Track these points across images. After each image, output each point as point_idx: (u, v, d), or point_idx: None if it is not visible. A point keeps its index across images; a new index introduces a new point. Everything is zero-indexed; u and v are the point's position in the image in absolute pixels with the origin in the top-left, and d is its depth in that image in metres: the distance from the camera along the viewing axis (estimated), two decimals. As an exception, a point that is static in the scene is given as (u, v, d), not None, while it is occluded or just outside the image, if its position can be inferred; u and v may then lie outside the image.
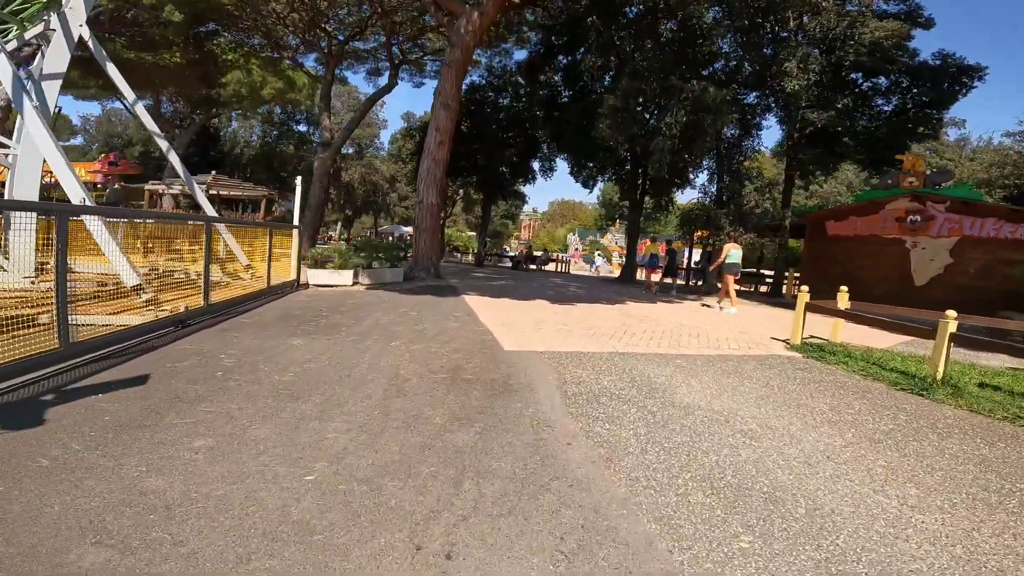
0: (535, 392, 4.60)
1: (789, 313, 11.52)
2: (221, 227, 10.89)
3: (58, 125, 44.93)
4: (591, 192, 24.24)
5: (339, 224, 65.55)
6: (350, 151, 43.77)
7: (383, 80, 27.70)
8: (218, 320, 6.90)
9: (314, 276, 11.89)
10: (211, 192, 18.51)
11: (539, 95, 20.07)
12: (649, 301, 12.35)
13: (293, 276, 11.82)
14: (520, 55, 24.18)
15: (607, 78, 14.26)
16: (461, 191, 35.77)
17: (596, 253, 46.37)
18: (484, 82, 24.32)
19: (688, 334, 7.98)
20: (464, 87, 25.66)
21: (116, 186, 22.09)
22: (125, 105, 37.54)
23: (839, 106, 13.25)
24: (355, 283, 12.15)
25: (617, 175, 19.04)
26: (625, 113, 12.77)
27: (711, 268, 13.18)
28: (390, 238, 58.71)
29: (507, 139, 23.54)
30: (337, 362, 5.20)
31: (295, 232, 11.93)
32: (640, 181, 17.82)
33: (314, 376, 4.68)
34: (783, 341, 7.93)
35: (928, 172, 12.59)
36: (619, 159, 17.25)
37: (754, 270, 22.61)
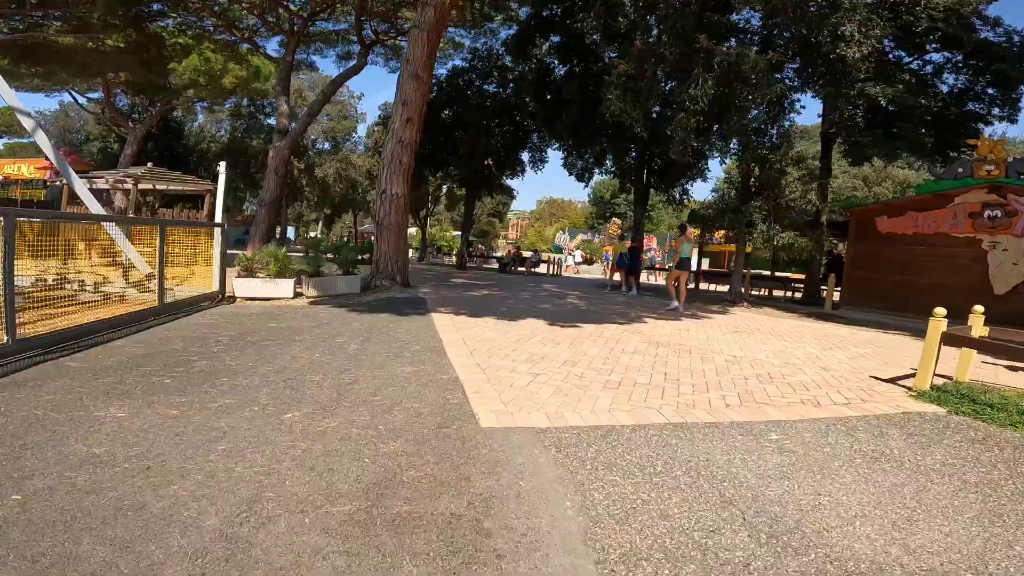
0: (547, 559, 2.04)
1: (848, 332, 9.09)
2: (110, 226, 8.25)
3: (7, 120, 41.69)
4: (587, 186, 21.42)
5: (320, 223, 62.57)
6: (326, 146, 40.90)
7: (368, 71, 25.06)
8: (48, 356, 4.25)
9: (243, 287, 9.23)
10: (142, 186, 15.73)
11: (529, 74, 17.51)
12: (670, 317, 9.83)
13: (215, 287, 9.18)
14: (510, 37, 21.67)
15: (614, 46, 11.68)
16: (444, 187, 33.14)
17: (575, 250, 44.03)
18: (467, 65, 21.76)
19: (755, 375, 5.45)
20: (445, 71, 23.10)
21: (58, 183, 19.16)
22: (74, 98, 34.59)
23: (904, 81, 10.81)
24: (296, 295, 9.50)
25: (619, 164, 16.51)
26: (640, 82, 10.25)
27: (668, 266, 11.89)
28: (370, 238, 56.03)
29: (493, 128, 20.98)
30: (139, 473, 2.59)
31: (216, 232, 9.25)
32: (646, 170, 15.36)
33: (46, 524, 2.04)
34: (893, 383, 5.43)
35: (1010, 159, 10.21)
36: (624, 144, 14.71)
37: (771, 274, 20.26)
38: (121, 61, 23.35)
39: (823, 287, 13.68)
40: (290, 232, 72.24)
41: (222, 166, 9.53)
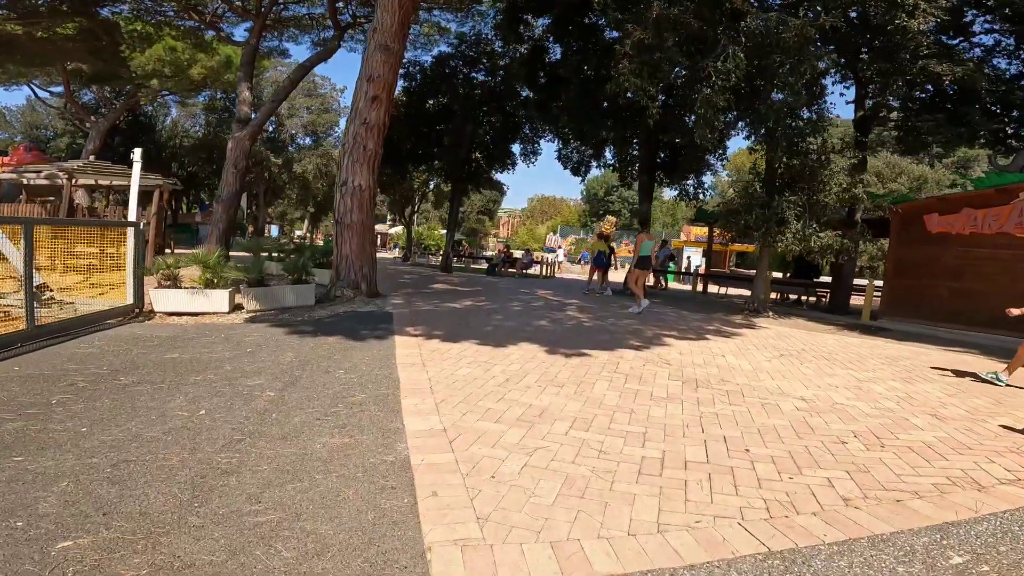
0: None
1: (910, 351, 7.28)
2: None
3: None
4: (583, 180, 19.63)
5: (305, 222, 60.26)
6: (307, 141, 38.90)
7: (340, 56, 23.06)
8: None
9: (165, 299, 7.41)
10: (82, 182, 13.81)
11: (521, 55, 15.72)
12: (692, 334, 8.12)
13: (130, 300, 7.39)
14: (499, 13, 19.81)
15: (628, 13, 9.87)
16: (432, 183, 31.26)
17: (559, 248, 42.34)
18: (454, 51, 19.93)
19: (850, 433, 3.73)
20: (430, 58, 21.31)
21: (11, 176, 17.09)
22: (34, 92, 32.37)
23: (969, 58, 9.14)
24: (234, 309, 7.69)
25: (621, 155, 14.75)
26: (658, 53, 8.50)
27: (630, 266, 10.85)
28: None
29: (480, 117, 19.19)
30: None
31: (130, 233, 7.41)
32: (649, 161, 13.64)
33: None
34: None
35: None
36: (629, 131, 12.93)
37: (786, 276, 18.65)
38: (73, 51, 21.36)
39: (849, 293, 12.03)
40: (274, 231, 70.36)
41: (136, 153, 7.70)
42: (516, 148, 20.34)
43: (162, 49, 22.74)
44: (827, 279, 14.12)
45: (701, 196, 14.05)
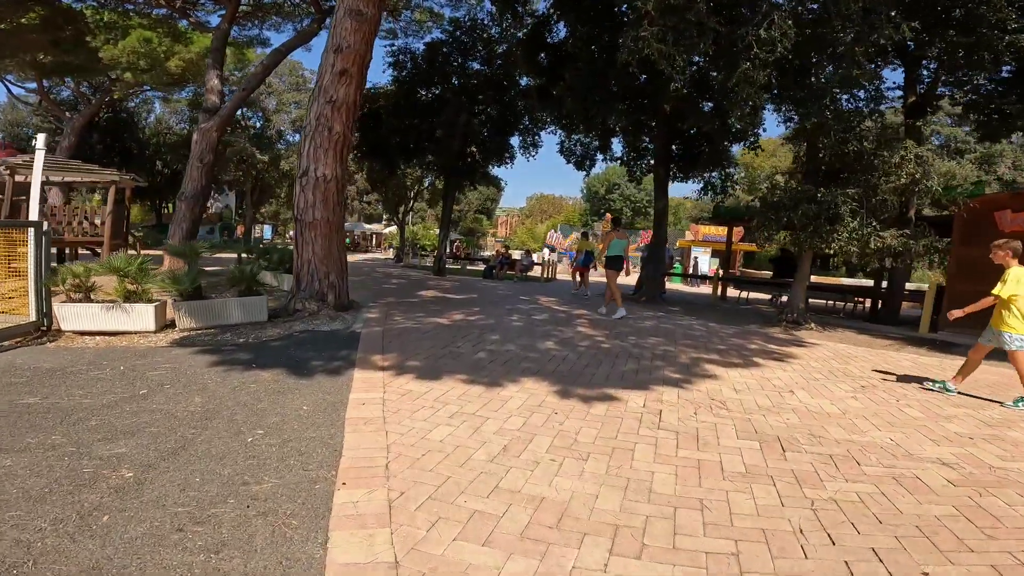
0: None
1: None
2: None
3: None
4: (588, 175, 17.90)
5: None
6: (296, 138, 37.17)
7: (321, 41, 21.52)
8: None
9: (76, 315, 5.88)
10: (18, 178, 12.21)
11: (521, 34, 14.19)
12: (736, 356, 6.59)
13: (32, 316, 5.89)
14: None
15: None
16: (427, 182, 29.68)
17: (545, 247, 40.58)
18: (447, 38, 18.37)
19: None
20: (422, 46, 19.76)
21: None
22: (7, 87, 30.79)
23: None
24: (164, 327, 6.15)
25: (633, 145, 13.20)
26: (687, 15, 6.96)
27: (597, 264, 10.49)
28: (347, 240, 52.25)
29: (476, 107, 17.66)
30: None
31: (30, 235, 5.86)
32: (669, 153, 12.10)
33: None
34: None
35: None
36: (644, 116, 11.38)
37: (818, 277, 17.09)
38: (35, 42, 19.78)
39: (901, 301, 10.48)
40: (267, 232, 68.65)
41: (39, 139, 6.16)
42: (515, 141, 18.85)
43: (136, 40, 21.30)
44: (865, 282, 12.50)
45: (730, 190, 12.44)
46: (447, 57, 17.76)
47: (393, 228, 38.93)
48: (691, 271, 25.78)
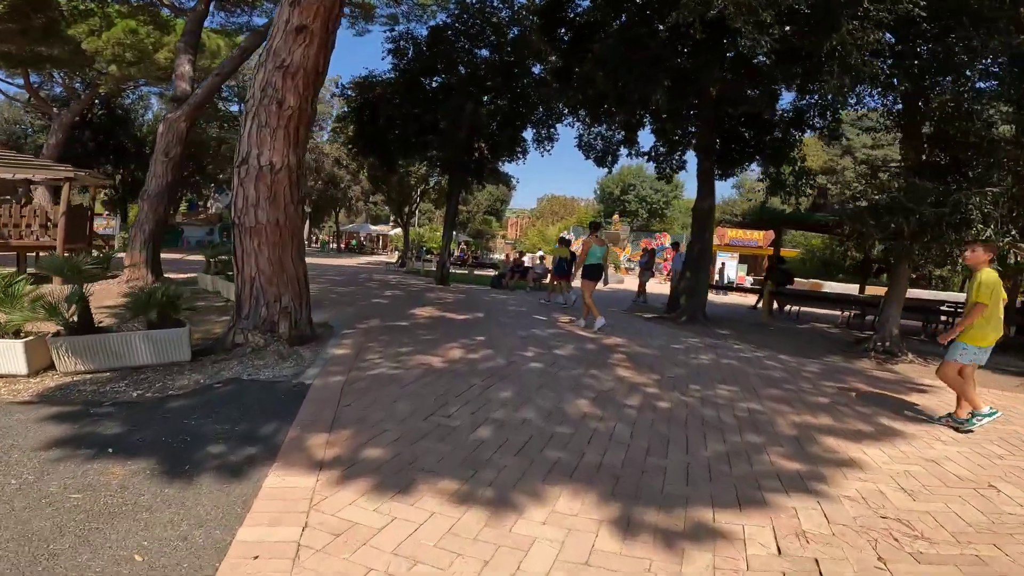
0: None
1: None
2: None
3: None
4: (610, 171, 15.89)
5: (307, 224, 56.87)
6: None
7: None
8: None
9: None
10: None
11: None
12: (865, 424, 4.61)
13: None
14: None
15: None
16: (433, 181, 27.82)
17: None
18: (454, 22, 16.45)
19: None
20: (424, 31, 17.87)
21: None
22: (-7, 82, 29.41)
23: None
24: (41, 369, 4.32)
25: (669, 134, 11.18)
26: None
27: (574, 270, 9.80)
28: (353, 242, 50.50)
29: (484, 96, 15.77)
30: None
31: None
32: (713, 143, 10.10)
33: None
34: None
35: None
36: (691, 98, 9.34)
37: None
38: (4, 32, 18.20)
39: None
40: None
41: None
42: (527, 135, 16.93)
43: (121, 31, 19.70)
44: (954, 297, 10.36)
45: (803, 187, 10.28)
46: (453, 43, 15.89)
47: (400, 230, 37.17)
48: (716, 278, 23.67)
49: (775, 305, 11.70)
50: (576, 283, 9.30)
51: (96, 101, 31.06)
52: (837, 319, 11.35)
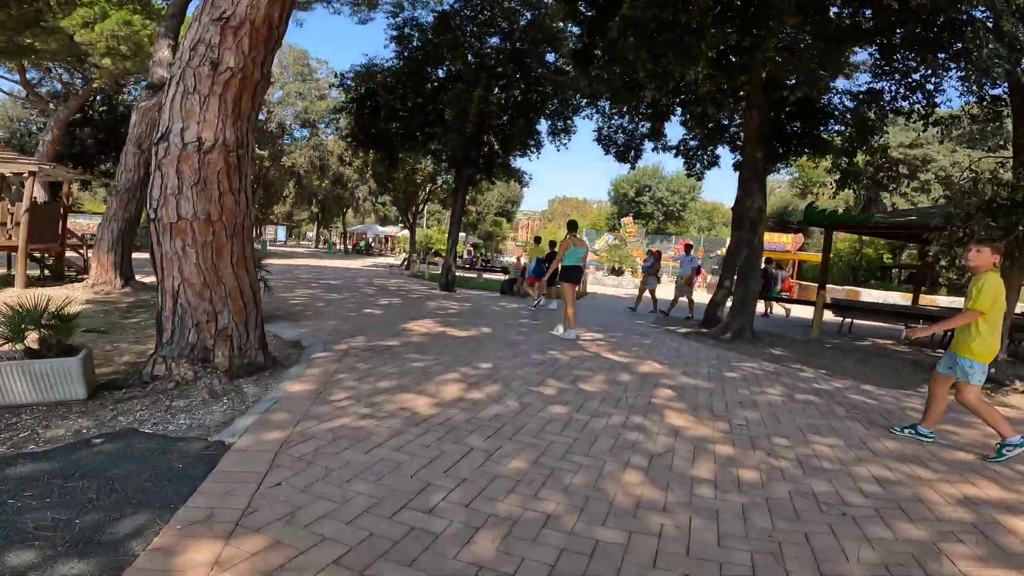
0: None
1: None
2: None
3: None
4: (632, 167, 14.47)
5: (315, 224, 55.84)
6: (306, 133, 34.44)
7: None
8: None
9: None
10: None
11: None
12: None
13: None
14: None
15: None
16: (441, 180, 26.54)
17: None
18: (462, 7, 15.10)
19: None
20: (430, 18, 16.55)
21: None
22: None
23: None
24: None
25: (711, 117, 9.62)
26: None
27: (547, 275, 8.90)
28: (361, 243, 49.33)
29: (494, 84, 14.42)
30: None
31: None
32: (768, 131, 8.61)
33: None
34: None
35: None
36: (740, 74, 7.84)
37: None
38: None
39: None
40: (280, 233, 66.32)
41: None
42: (542, 127, 15.61)
43: (115, 24, 18.73)
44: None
45: (893, 185, 8.66)
46: (461, 29, 14.57)
47: (404, 232, 35.90)
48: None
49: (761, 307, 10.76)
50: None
51: (97, 98, 30.27)
52: (900, 334, 9.85)
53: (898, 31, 7.24)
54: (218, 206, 3.89)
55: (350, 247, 46.16)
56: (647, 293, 12.99)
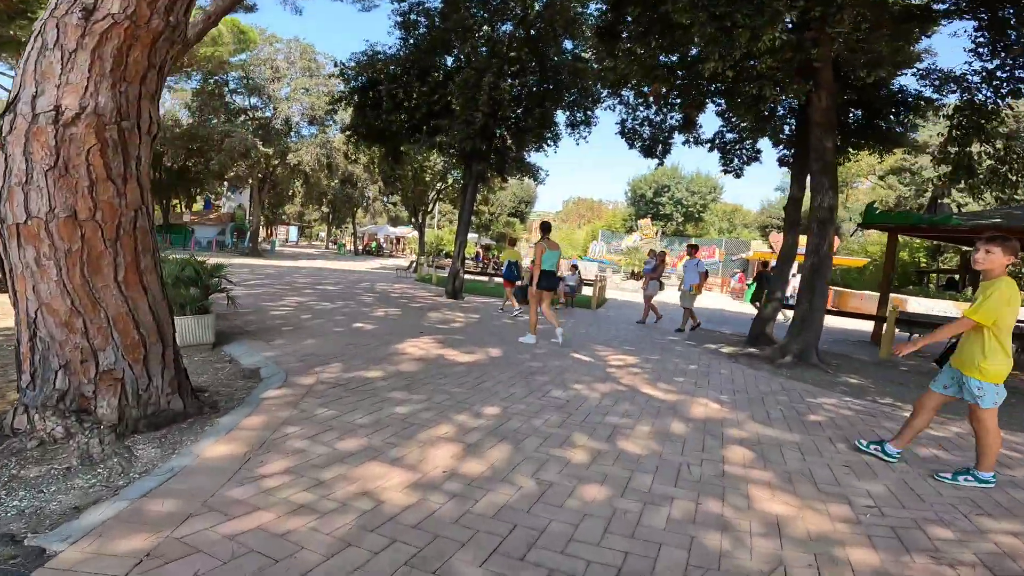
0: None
1: None
2: None
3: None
4: (661, 163, 13.08)
5: (327, 224, 54.94)
6: (313, 130, 33.38)
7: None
8: None
9: None
10: None
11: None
12: None
13: None
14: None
15: None
16: (452, 179, 25.31)
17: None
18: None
19: None
20: (437, 3, 15.30)
21: None
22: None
23: None
24: None
25: (769, 96, 8.08)
26: None
27: (531, 281, 7.64)
28: (373, 244, 48.28)
29: (506, 67, 13.14)
30: None
31: None
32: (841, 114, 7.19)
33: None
34: None
35: None
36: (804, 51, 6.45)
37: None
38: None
39: None
40: (292, 233, 65.55)
41: None
42: (559, 118, 14.24)
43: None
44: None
45: (1016, 173, 7.26)
46: (471, 14, 13.32)
47: (414, 233, 34.73)
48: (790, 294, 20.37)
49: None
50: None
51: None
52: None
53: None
54: (88, 199, 2.64)
55: (361, 248, 45.12)
56: (652, 301, 11.53)
